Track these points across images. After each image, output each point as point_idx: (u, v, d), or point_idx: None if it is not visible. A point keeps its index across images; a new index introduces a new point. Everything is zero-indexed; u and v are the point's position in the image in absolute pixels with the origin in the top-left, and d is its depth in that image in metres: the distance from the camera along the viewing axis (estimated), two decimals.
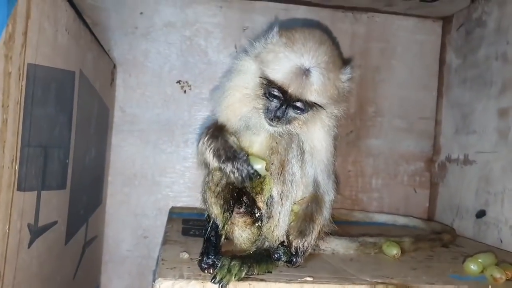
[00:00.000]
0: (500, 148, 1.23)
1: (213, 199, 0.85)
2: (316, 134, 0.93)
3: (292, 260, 0.85)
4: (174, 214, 1.31)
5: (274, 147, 0.90)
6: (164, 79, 1.49)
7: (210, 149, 0.86)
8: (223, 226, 0.85)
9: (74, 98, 0.92)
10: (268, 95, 0.86)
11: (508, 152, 1.20)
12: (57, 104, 0.81)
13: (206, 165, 0.90)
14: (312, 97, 0.83)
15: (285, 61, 0.83)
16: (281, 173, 0.89)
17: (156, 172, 1.49)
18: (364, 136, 1.56)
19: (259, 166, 0.87)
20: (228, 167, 0.84)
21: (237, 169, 0.84)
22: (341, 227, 1.30)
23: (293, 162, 0.90)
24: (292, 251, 0.85)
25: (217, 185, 0.86)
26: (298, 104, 0.85)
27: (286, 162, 0.89)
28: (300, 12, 1.52)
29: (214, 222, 0.85)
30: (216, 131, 0.89)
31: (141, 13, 1.47)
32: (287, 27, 0.91)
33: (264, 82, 0.85)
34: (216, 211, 0.85)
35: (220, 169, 0.85)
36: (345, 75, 0.88)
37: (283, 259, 0.85)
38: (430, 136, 1.58)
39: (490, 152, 1.27)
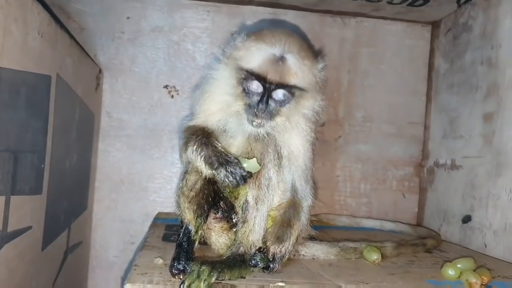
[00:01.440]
0: (485, 152, 1.22)
1: (186, 204, 0.84)
2: (294, 140, 0.93)
3: (269, 266, 0.84)
4: (159, 220, 1.30)
5: (250, 152, 0.89)
6: (151, 84, 1.49)
7: (201, 157, 0.85)
8: (196, 232, 0.84)
9: (50, 102, 0.92)
10: (247, 90, 0.85)
11: (492, 157, 1.19)
12: (29, 108, 0.81)
13: (197, 172, 0.88)
14: (292, 80, 0.84)
15: (258, 52, 0.84)
16: (257, 177, 0.88)
17: (143, 177, 1.48)
18: (352, 141, 1.55)
19: (251, 165, 0.86)
20: (222, 173, 0.83)
21: (231, 173, 0.83)
22: (328, 232, 1.30)
23: (269, 167, 0.89)
24: (269, 257, 0.85)
25: (191, 189, 0.85)
26: (280, 92, 0.85)
27: (262, 166, 0.89)
28: (288, 16, 1.52)
29: (186, 228, 0.84)
30: (204, 138, 0.87)
31: (128, 17, 1.47)
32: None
33: (242, 76, 0.85)
34: (189, 216, 0.84)
35: (213, 175, 0.84)
36: (319, 63, 0.89)
37: (260, 265, 0.84)
38: (419, 141, 1.57)
39: (475, 157, 1.26)
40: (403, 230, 1.38)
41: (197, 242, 0.85)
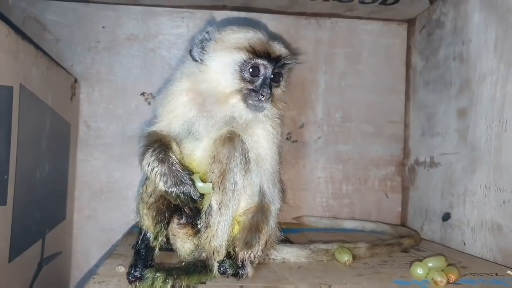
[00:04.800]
0: (460, 148, 1.21)
1: (145, 210, 0.84)
2: (261, 142, 0.92)
3: (238, 273, 0.83)
4: (136, 228, 1.29)
5: (215, 156, 0.88)
6: (128, 92, 1.49)
7: (156, 172, 0.84)
8: (155, 238, 0.83)
9: (13, 113, 0.92)
10: (250, 72, 0.87)
11: (467, 152, 1.17)
12: None
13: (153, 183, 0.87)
14: (285, 54, 0.90)
15: (247, 36, 0.88)
16: (221, 182, 0.87)
17: (122, 186, 1.48)
18: (332, 142, 1.54)
19: (205, 188, 0.85)
20: (174, 193, 0.83)
21: (183, 193, 0.83)
22: (307, 235, 1.29)
23: (235, 171, 0.88)
24: (238, 263, 0.84)
25: (150, 196, 0.85)
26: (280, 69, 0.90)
27: (227, 170, 0.87)
28: (263, 20, 1.52)
29: (145, 234, 0.84)
30: (162, 153, 0.86)
31: (103, 27, 1.48)
32: None
33: (244, 58, 0.87)
34: (147, 222, 0.84)
35: (166, 193, 0.83)
36: None
37: (229, 272, 0.83)
38: (399, 140, 1.56)
39: (452, 153, 1.25)
40: (384, 230, 1.37)
41: (157, 249, 0.84)
